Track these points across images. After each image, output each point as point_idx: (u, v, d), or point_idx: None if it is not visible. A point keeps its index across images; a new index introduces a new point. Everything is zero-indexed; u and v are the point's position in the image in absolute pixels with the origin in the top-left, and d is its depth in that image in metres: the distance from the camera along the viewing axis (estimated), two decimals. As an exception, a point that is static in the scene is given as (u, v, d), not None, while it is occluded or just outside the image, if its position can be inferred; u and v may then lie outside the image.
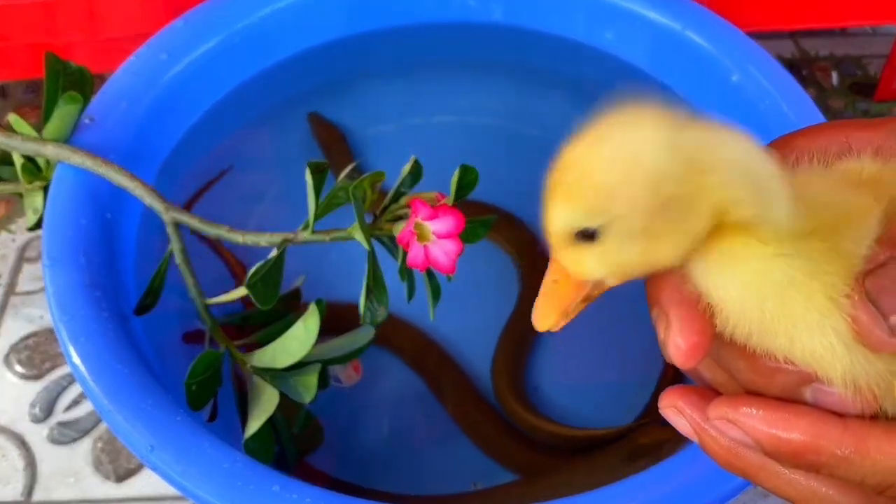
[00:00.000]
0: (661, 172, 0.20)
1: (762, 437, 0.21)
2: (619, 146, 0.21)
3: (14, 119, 0.50)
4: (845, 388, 0.20)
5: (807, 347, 0.21)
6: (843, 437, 0.20)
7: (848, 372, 0.20)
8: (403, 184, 0.45)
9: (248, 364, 0.48)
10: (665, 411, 0.23)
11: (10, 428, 0.64)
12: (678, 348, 0.21)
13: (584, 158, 0.21)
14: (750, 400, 0.21)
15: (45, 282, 0.48)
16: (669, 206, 0.20)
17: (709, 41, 0.63)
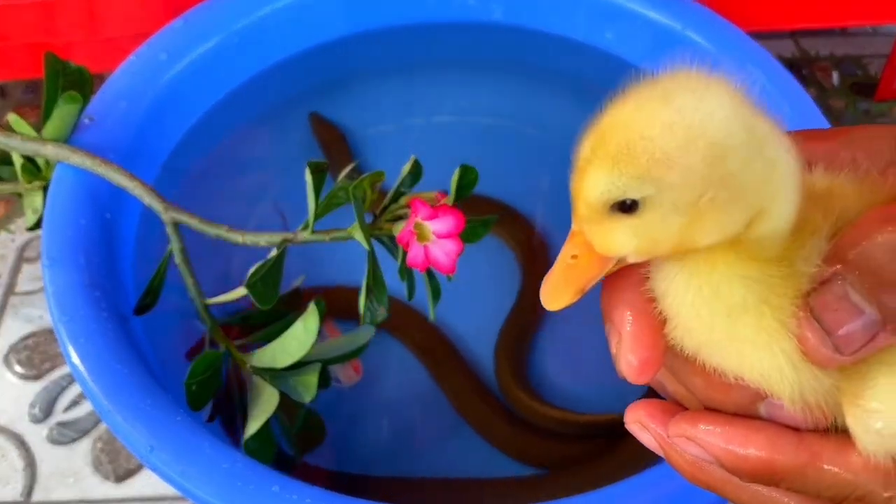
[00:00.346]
0: (729, 146, 0.19)
1: (720, 454, 0.21)
2: (684, 109, 0.19)
3: (13, 119, 0.50)
4: (794, 405, 0.21)
5: (755, 368, 0.21)
6: (798, 452, 0.20)
7: (796, 391, 0.20)
8: (403, 184, 0.45)
9: (248, 364, 0.48)
10: (630, 426, 0.23)
11: (9, 428, 0.64)
12: (629, 364, 0.21)
13: (637, 119, 0.19)
14: (707, 417, 0.21)
15: (44, 282, 0.48)
16: (725, 184, 0.19)
17: (709, 41, 0.63)
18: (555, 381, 0.62)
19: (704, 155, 0.19)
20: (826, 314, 0.19)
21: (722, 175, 0.19)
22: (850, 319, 0.19)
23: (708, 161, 0.19)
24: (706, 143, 0.19)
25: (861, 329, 0.19)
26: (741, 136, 0.19)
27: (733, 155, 0.19)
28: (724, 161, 0.19)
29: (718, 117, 0.19)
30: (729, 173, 0.19)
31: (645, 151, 0.19)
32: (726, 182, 0.19)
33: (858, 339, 0.19)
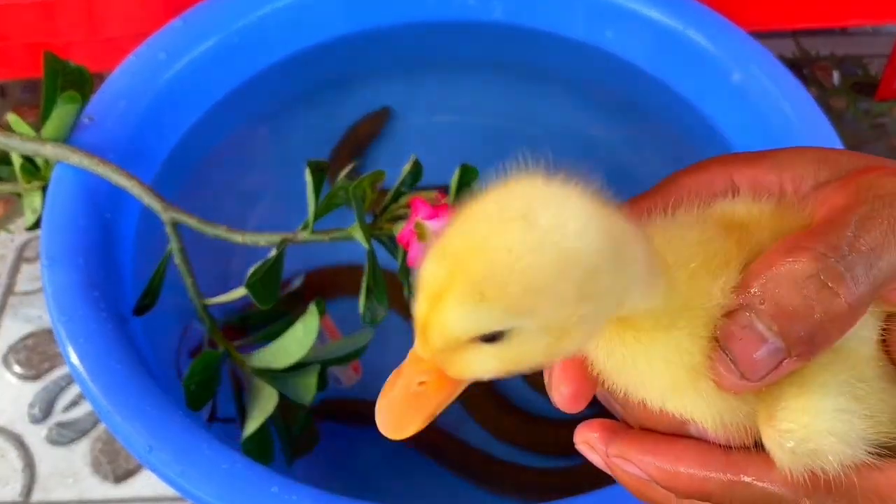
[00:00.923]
0: (601, 265, 0.18)
1: (654, 473, 0.22)
2: (550, 232, 0.18)
3: (13, 119, 0.50)
4: (717, 432, 0.22)
5: (677, 406, 0.22)
6: (727, 469, 0.21)
7: (717, 419, 0.21)
8: (403, 183, 0.45)
9: (248, 364, 0.48)
10: (579, 447, 0.24)
11: (8, 428, 0.64)
12: (561, 396, 0.23)
13: (500, 245, 0.17)
14: (642, 438, 0.23)
15: (43, 282, 0.48)
16: (595, 298, 0.19)
17: (710, 40, 0.63)
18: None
19: (578, 280, 0.18)
20: (732, 343, 0.20)
21: (592, 292, 0.19)
22: (754, 348, 0.20)
23: (580, 284, 0.18)
24: (581, 270, 0.18)
25: (766, 357, 0.20)
26: (608, 250, 0.19)
27: (605, 271, 0.19)
28: (596, 281, 0.18)
29: (588, 238, 0.18)
30: (598, 289, 0.19)
31: (517, 282, 0.17)
32: (594, 297, 0.19)
33: (764, 367, 0.20)
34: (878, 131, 0.87)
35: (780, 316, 0.19)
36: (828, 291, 0.19)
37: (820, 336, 0.19)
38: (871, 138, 0.86)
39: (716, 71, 0.62)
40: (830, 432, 0.20)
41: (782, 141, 0.58)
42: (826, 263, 0.20)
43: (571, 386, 0.22)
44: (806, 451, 0.20)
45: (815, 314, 0.19)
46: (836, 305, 0.19)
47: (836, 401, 0.20)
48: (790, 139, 0.58)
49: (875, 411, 0.21)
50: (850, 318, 0.20)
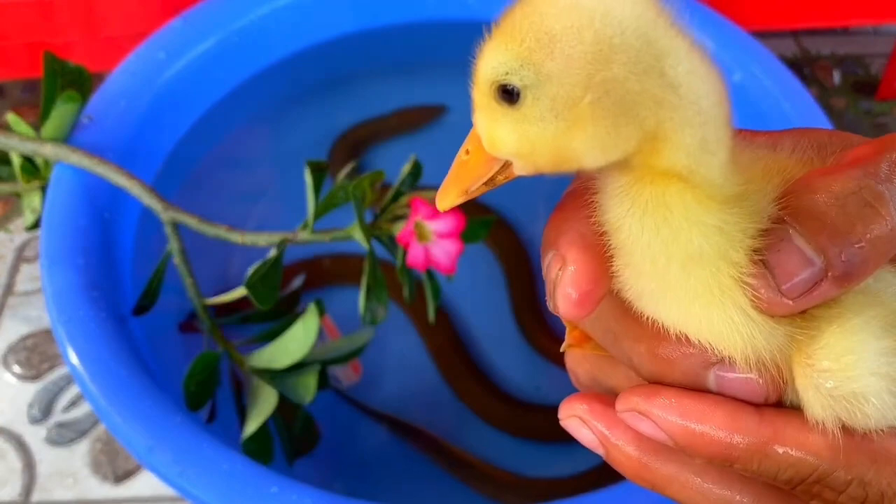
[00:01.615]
0: (618, 46, 0.17)
1: (676, 431, 0.19)
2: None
3: (12, 118, 0.50)
4: (747, 363, 0.19)
5: (703, 323, 0.19)
6: (760, 429, 0.19)
7: (749, 346, 0.19)
8: (403, 183, 0.44)
9: (247, 364, 0.48)
10: (566, 422, 0.21)
11: (8, 429, 0.63)
12: (567, 297, 0.19)
13: (541, 3, 0.18)
14: (663, 390, 0.20)
15: (43, 282, 0.48)
16: (608, 89, 0.17)
17: (711, 40, 0.62)
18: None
19: (589, 48, 0.17)
20: (771, 255, 0.19)
21: (605, 78, 0.17)
22: (793, 263, 0.18)
23: (591, 56, 0.17)
24: (593, 35, 0.17)
25: (806, 275, 0.18)
26: (635, 41, 0.17)
27: (621, 58, 0.17)
28: (609, 62, 0.17)
29: (616, 13, 0.17)
30: (613, 78, 0.17)
31: (531, 30, 0.18)
32: (609, 88, 0.17)
33: (802, 284, 0.18)
34: (878, 131, 0.87)
35: (819, 232, 0.18)
36: (870, 209, 0.18)
37: (860, 257, 0.18)
38: (872, 138, 0.86)
39: (716, 70, 0.62)
40: (874, 373, 0.18)
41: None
42: (867, 183, 0.19)
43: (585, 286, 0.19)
44: (847, 392, 0.18)
45: (856, 232, 0.18)
46: (879, 225, 0.18)
47: (880, 342, 0.19)
48: (791, 139, 0.58)
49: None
50: (890, 242, 0.19)
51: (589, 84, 0.17)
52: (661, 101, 0.18)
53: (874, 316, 0.19)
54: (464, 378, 0.62)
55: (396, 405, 0.61)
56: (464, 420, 0.61)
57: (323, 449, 0.53)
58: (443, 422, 0.60)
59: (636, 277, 0.20)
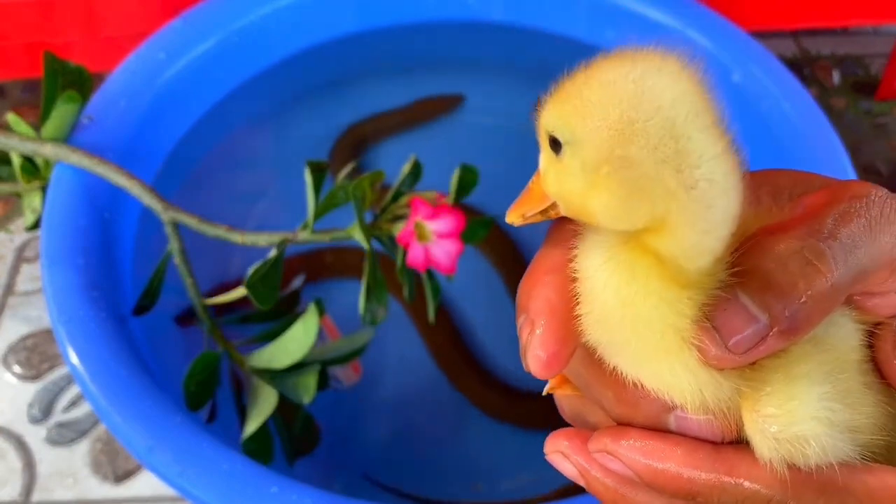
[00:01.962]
0: (638, 128, 0.19)
1: (641, 469, 0.21)
2: (626, 77, 0.19)
3: (12, 119, 0.50)
4: (696, 412, 0.21)
5: (654, 376, 0.21)
6: (717, 465, 0.21)
7: (697, 397, 0.21)
8: (403, 183, 0.45)
9: (247, 364, 0.48)
10: (551, 457, 0.23)
11: (8, 428, 0.63)
12: (537, 358, 0.21)
13: (595, 72, 0.20)
14: (629, 432, 0.22)
15: (43, 282, 0.48)
16: (625, 166, 0.19)
17: (710, 40, 0.63)
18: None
19: (612, 125, 0.19)
20: (718, 315, 0.20)
21: (623, 155, 0.19)
22: (739, 321, 0.20)
23: (613, 132, 0.19)
24: (619, 114, 0.19)
25: (750, 330, 0.20)
26: (658, 130, 0.19)
27: (640, 142, 0.19)
28: (628, 142, 0.19)
29: (649, 98, 0.19)
30: (631, 158, 0.19)
31: (577, 94, 0.20)
32: (626, 165, 0.19)
33: (748, 340, 0.20)
34: (878, 131, 0.87)
35: (764, 291, 0.20)
36: (812, 268, 0.20)
37: (803, 312, 0.20)
38: (872, 138, 0.86)
39: (716, 71, 0.62)
40: (814, 417, 0.20)
41: (783, 140, 0.58)
42: (809, 242, 0.20)
43: (553, 347, 0.21)
44: (790, 436, 0.20)
45: (798, 290, 0.20)
46: (819, 282, 0.20)
47: (821, 388, 0.20)
48: (790, 139, 0.58)
49: (858, 408, 0.21)
50: (831, 297, 0.20)
51: (609, 157, 0.19)
52: (672, 194, 0.19)
53: (818, 363, 0.21)
54: (464, 373, 0.62)
55: (397, 405, 0.61)
56: (467, 417, 0.61)
57: (323, 449, 0.53)
58: (444, 420, 0.61)
59: (595, 326, 0.21)
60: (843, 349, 0.21)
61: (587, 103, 0.19)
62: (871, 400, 0.21)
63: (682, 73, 0.20)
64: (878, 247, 0.21)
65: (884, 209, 0.21)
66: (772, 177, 0.24)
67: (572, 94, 0.20)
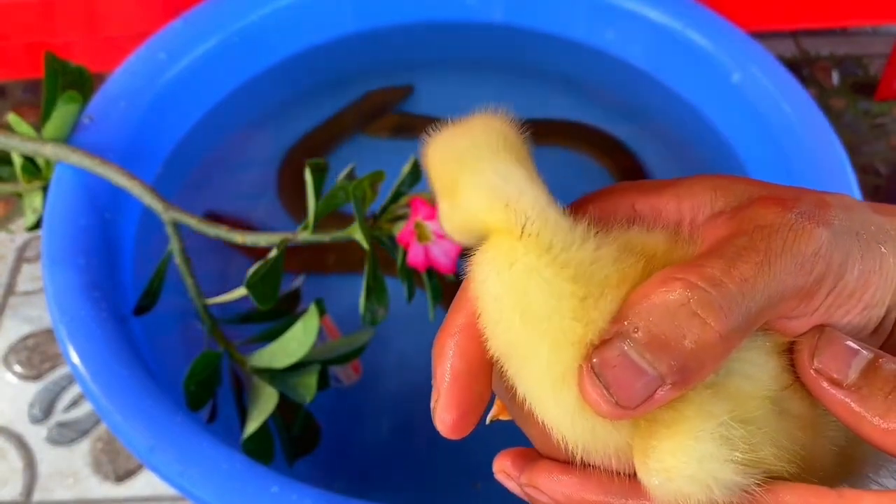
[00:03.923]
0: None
1: (562, 501, 0.22)
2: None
3: (13, 119, 0.50)
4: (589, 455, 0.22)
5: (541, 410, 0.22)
6: (628, 496, 0.22)
7: (579, 440, 0.21)
8: (403, 184, 0.45)
9: (248, 364, 0.48)
10: (497, 476, 0.25)
11: (9, 428, 0.64)
12: (444, 422, 0.23)
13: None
14: (550, 466, 0.23)
15: (44, 282, 0.48)
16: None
17: (710, 41, 0.63)
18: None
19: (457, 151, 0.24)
20: (607, 370, 0.20)
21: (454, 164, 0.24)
22: (628, 376, 0.20)
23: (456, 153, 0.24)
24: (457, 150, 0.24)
25: (640, 385, 0.20)
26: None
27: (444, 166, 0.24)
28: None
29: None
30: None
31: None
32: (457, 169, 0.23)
33: (638, 395, 0.20)
34: (877, 131, 0.87)
35: (652, 344, 0.20)
36: (698, 320, 0.20)
37: (692, 364, 0.20)
38: (871, 138, 0.86)
39: (715, 71, 0.62)
40: (693, 479, 0.20)
41: (782, 140, 0.58)
42: (697, 293, 0.20)
43: (456, 412, 0.22)
44: (670, 490, 0.21)
45: (685, 343, 0.20)
46: (707, 334, 0.20)
47: (704, 447, 0.20)
48: (790, 139, 0.58)
49: (757, 452, 0.21)
50: (721, 347, 0.20)
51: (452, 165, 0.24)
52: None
53: (707, 416, 0.21)
54: None
55: (397, 404, 0.61)
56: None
57: (323, 449, 0.53)
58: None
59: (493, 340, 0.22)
60: (744, 385, 0.21)
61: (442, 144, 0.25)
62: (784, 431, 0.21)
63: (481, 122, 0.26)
64: (778, 282, 0.20)
65: (787, 239, 0.21)
66: (689, 190, 0.24)
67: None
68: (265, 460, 0.47)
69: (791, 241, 0.21)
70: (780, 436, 0.21)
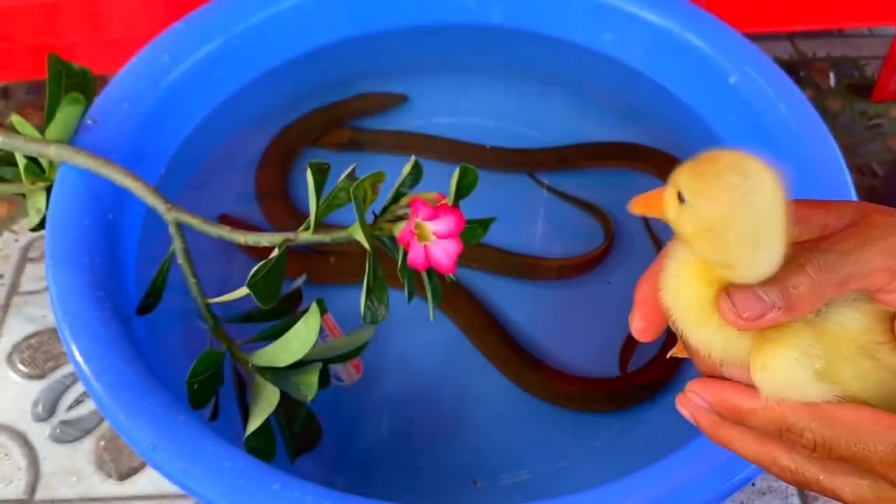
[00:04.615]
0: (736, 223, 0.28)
1: (709, 400, 0.32)
2: (738, 186, 0.28)
3: (17, 120, 0.51)
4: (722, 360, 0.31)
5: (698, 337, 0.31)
6: (754, 399, 0.30)
7: (717, 353, 0.31)
8: (404, 184, 0.45)
9: (250, 363, 0.48)
10: (686, 395, 0.33)
11: (12, 427, 0.64)
12: (635, 330, 0.33)
13: (724, 172, 0.28)
14: (706, 380, 0.32)
15: (48, 282, 0.49)
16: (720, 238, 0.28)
17: (707, 43, 0.63)
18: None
19: (722, 215, 0.28)
20: (734, 293, 0.29)
21: (722, 234, 0.28)
22: (750, 301, 0.29)
23: (721, 220, 0.28)
24: (728, 212, 0.27)
25: (759, 308, 0.29)
26: (750, 228, 0.27)
27: (736, 232, 0.28)
28: (728, 227, 0.28)
29: (750, 210, 0.27)
30: (726, 237, 0.28)
31: (705, 182, 0.28)
32: (721, 239, 0.28)
33: (756, 313, 0.29)
34: (873, 132, 0.87)
35: (769, 281, 0.29)
36: (799, 268, 0.29)
37: (794, 299, 0.29)
38: (867, 139, 0.87)
39: (713, 73, 0.63)
40: (784, 374, 0.29)
41: (779, 142, 0.59)
42: (808, 254, 0.29)
43: (641, 324, 0.33)
44: (769, 382, 0.30)
45: (790, 283, 0.29)
46: (804, 279, 0.29)
47: (793, 354, 0.29)
48: (786, 140, 0.59)
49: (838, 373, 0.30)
50: (816, 293, 0.29)
51: (711, 229, 0.28)
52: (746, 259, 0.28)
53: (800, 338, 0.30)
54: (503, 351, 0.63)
55: (398, 403, 0.61)
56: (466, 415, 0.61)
57: (325, 446, 0.54)
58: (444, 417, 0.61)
59: (668, 301, 0.31)
60: (835, 329, 0.30)
61: (711, 194, 0.28)
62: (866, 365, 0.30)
63: (777, 189, 0.28)
64: (869, 258, 0.29)
65: (884, 232, 0.29)
66: (837, 206, 0.32)
67: (704, 177, 0.28)
68: (267, 458, 0.47)
69: (886, 234, 0.29)
70: (867, 373, 0.30)
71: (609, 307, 0.64)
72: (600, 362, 0.62)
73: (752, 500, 0.62)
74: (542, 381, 0.61)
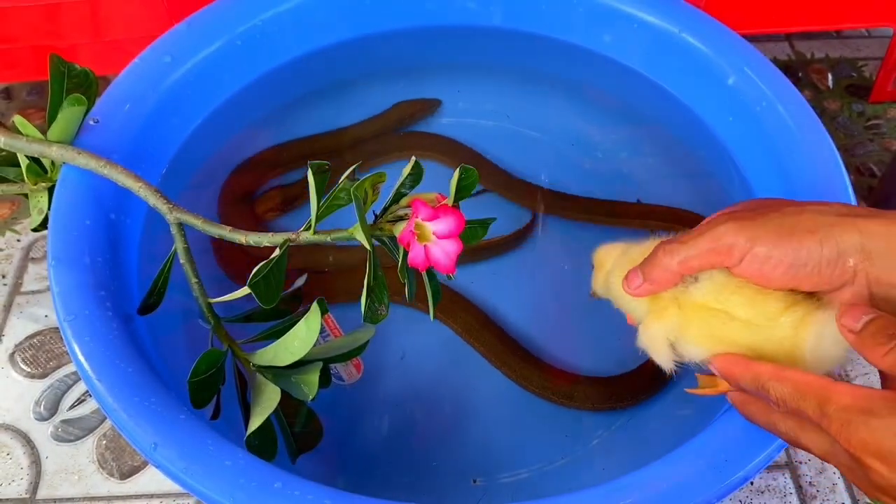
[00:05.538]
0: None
1: (718, 366, 0.40)
2: None
3: (19, 121, 0.51)
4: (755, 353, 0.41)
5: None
6: (772, 371, 0.37)
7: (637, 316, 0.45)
8: (404, 185, 0.45)
9: (251, 362, 0.48)
10: (715, 366, 0.41)
11: (14, 426, 0.64)
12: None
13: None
14: (722, 356, 0.41)
15: (50, 281, 0.49)
16: None
17: (705, 44, 0.63)
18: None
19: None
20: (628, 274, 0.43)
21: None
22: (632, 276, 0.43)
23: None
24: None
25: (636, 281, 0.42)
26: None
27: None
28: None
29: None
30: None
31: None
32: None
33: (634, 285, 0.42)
34: (871, 133, 0.88)
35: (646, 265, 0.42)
36: (654, 254, 0.41)
37: (652, 276, 0.41)
38: (865, 139, 0.87)
39: (711, 74, 0.63)
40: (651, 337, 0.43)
41: (777, 142, 0.59)
42: (663, 242, 0.42)
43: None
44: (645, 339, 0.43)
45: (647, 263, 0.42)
46: (656, 262, 0.41)
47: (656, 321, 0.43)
48: (785, 141, 0.59)
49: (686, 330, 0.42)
50: (665, 269, 0.41)
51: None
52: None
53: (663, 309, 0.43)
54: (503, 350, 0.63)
55: (398, 403, 0.62)
56: (466, 414, 0.61)
57: (326, 445, 0.54)
58: (443, 416, 0.61)
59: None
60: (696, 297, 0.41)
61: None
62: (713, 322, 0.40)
63: None
64: (699, 244, 0.40)
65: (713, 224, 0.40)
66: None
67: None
68: (268, 457, 0.47)
69: (714, 226, 0.40)
70: (716, 330, 0.40)
71: (609, 306, 0.64)
72: (600, 360, 0.62)
73: (750, 499, 0.62)
74: (542, 379, 0.62)
